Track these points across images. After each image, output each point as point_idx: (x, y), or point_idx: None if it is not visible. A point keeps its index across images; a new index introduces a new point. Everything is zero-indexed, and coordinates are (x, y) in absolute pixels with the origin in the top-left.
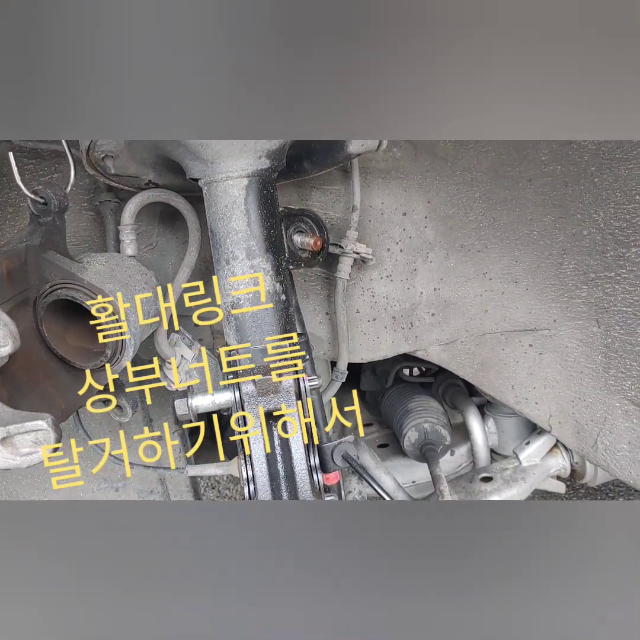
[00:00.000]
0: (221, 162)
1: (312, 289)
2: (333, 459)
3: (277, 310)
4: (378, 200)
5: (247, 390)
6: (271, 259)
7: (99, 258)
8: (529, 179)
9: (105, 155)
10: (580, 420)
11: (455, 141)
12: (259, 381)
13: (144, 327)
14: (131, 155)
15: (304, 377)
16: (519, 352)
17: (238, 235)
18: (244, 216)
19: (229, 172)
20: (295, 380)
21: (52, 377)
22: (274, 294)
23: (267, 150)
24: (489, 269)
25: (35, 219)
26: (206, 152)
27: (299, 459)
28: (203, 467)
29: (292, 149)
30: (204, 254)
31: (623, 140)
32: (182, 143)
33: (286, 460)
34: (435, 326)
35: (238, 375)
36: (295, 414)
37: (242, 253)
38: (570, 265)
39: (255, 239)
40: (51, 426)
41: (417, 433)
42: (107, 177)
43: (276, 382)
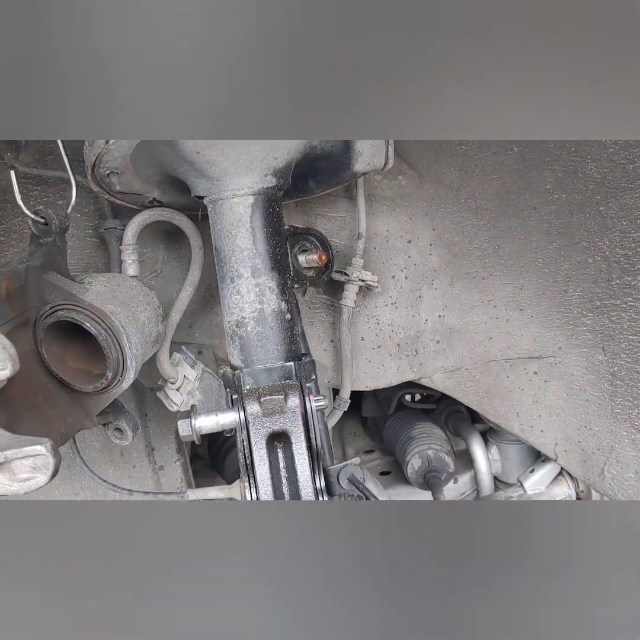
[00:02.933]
0: (227, 179)
1: (317, 316)
2: (339, 482)
3: (282, 329)
4: (383, 228)
5: (252, 411)
6: (276, 278)
7: (100, 279)
8: (534, 207)
9: (110, 172)
10: (586, 449)
11: (460, 169)
12: (264, 401)
13: (145, 349)
14: (136, 172)
15: (310, 397)
16: (524, 380)
17: (243, 253)
18: (249, 234)
19: (234, 190)
20: (302, 400)
21: (51, 400)
22: (279, 312)
23: (274, 169)
24: (494, 296)
25: (35, 239)
26: (212, 170)
27: (305, 481)
28: (204, 491)
29: (297, 168)
30: (208, 280)
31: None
32: (188, 160)
33: (292, 483)
34: (440, 353)
35: (242, 395)
36: (301, 435)
37: (247, 271)
38: (575, 292)
39: (260, 257)
40: (50, 451)
41: (421, 460)
42: (111, 194)
43: (282, 402)
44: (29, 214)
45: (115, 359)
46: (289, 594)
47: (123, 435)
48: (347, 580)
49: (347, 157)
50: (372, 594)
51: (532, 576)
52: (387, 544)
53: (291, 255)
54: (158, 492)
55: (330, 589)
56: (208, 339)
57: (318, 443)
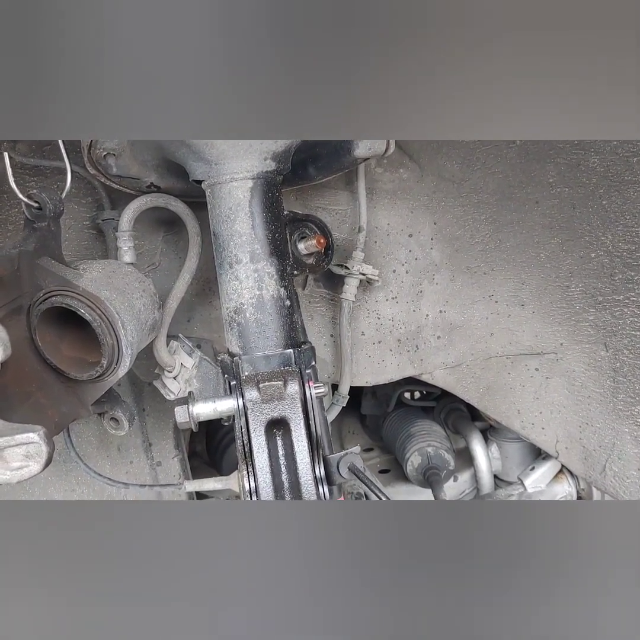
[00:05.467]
0: (226, 163)
1: (317, 311)
2: (339, 471)
3: (282, 316)
4: (384, 221)
5: (251, 397)
6: (275, 263)
7: (96, 265)
8: (536, 201)
9: (107, 153)
10: (588, 446)
11: (462, 162)
12: (263, 387)
13: (141, 336)
14: (133, 156)
15: (310, 384)
16: (525, 376)
17: (242, 238)
18: (248, 219)
19: (233, 174)
20: (301, 387)
21: (45, 388)
22: (278, 299)
23: (273, 152)
24: (495, 292)
25: (29, 224)
26: (211, 153)
27: (305, 469)
28: (201, 482)
29: (297, 154)
30: (207, 274)
31: None
32: (186, 143)
33: (291, 471)
34: (441, 349)
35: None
36: (301, 422)
37: (245, 256)
38: (577, 288)
39: (259, 242)
40: (43, 439)
41: (420, 457)
42: (108, 177)
43: (281, 388)
44: (23, 198)
45: (110, 346)
46: (287, 594)
47: (119, 425)
48: (347, 580)
49: (348, 142)
50: (372, 594)
51: (533, 576)
52: (387, 544)
53: (290, 242)
54: (154, 485)
55: (331, 589)
56: (207, 333)
57: (318, 431)
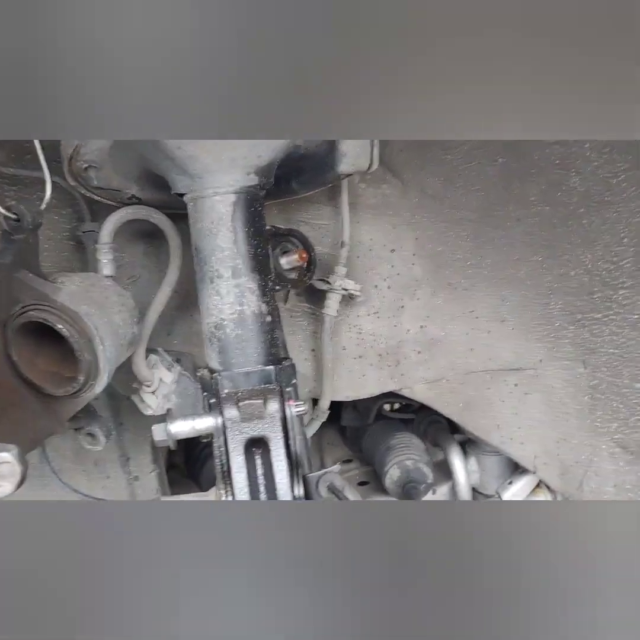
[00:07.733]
0: (208, 176)
1: (299, 325)
2: (318, 490)
3: (262, 332)
4: (367, 237)
5: (230, 416)
6: (257, 279)
7: (74, 278)
8: (517, 218)
9: (88, 166)
10: (565, 462)
11: (444, 179)
12: (242, 405)
13: (120, 352)
14: (115, 168)
15: (290, 402)
16: (504, 392)
17: (224, 253)
18: (230, 233)
19: (216, 188)
20: (281, 405)
21: (21, 404)
22: (259, 314)
23: (256, 167)
24: (476, 308)
25: (7, 236)
26: (193, 166)
27: (284, 489)
28: (178, 498)
29: (280, 168)
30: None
31: None
32: (169, 156)
33: (270, 491)
34: (422, 364)
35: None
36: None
37: (227, 271)
38: (557, 305)
39: (241, 257)
40: (17, 459)
41: (400, 470)
42: (88, 189)
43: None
44: (0, 209)
45: (87, 362)
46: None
47: (95, 440)
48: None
49: (331, 158)
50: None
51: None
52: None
53: (272, 256)
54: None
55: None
56: (187, 347)
57: (297, 450)
